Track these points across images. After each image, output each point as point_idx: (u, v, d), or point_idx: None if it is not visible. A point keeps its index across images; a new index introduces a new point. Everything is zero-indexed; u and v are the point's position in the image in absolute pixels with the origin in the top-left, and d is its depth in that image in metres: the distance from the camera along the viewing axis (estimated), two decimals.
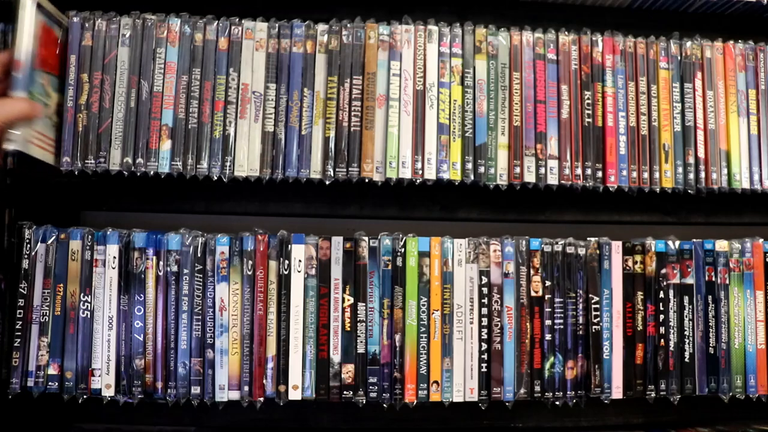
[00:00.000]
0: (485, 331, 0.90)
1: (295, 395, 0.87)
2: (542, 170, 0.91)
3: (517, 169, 0.91)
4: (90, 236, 0.87)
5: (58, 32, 0.86)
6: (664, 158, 0.93)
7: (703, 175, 0.94)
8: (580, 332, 0.91)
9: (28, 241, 0.86)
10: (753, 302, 0.93)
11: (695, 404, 0.95)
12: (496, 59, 0.92)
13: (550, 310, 0.91)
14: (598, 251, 0.92)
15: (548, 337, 0.90)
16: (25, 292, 0.85)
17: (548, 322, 0.91)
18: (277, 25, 0.91)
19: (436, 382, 0.88)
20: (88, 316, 0.86)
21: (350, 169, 0.89)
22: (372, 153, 0.89)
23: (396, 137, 0.89)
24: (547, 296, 0.91)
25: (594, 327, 0.91)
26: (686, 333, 0.92)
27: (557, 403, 0.91)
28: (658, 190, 0.93)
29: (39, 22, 0.80)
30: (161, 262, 0.87)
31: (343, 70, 0.90)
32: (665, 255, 0.93)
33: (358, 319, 0.88)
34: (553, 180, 0.91)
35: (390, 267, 0.89)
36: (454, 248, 0.90)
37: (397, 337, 0.89)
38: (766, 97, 0.96)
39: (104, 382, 0.86)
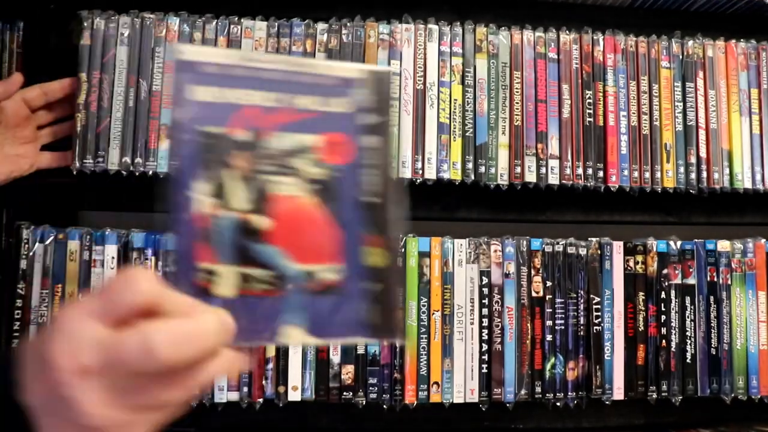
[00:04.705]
0: (486, 331, 0.89)
1: (294, 396, 0.87)
2: (543, 170, 0.91)
3: (518, 169, 0.90)
4: (88, 236, 0.86)
5: None
6: (665, 158, 0.93)
7: (704, 174, 0.93)
8: (581, 333, 0.91)
9: (26, 241, 0.86)
10: (755, 303, 0.93)
11: (697, 405, 0.95)
12: (497, 58, 0.92)
13: (551, 310, 0.90)
14: (599, 251, 0.92)
15: (549, 337, 0.90)
16: (23, 293, 0.85)
17: (549, 322, 0.90)
18: (276, 24, 0.90)
19: (436, 382, 0.88)
20: None
21: None
22: None
23: (396, 137, 0.89)
24: (548, 296, 0.90)
25: (595, 327, 0.90)
26: (688, 334, 0.91)
27: (558, 404, 0.90)
28: (659, 189, 0.92)
29: None
30: (160, 262, 0.87)
31: None
32: (667, 255, 0.92)
33: None
34: (554, 180, 0.91)
35: None
36: (454, 248, 0.90)
37: None
38: None
39: None
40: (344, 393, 0.87)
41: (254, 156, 0.47)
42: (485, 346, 0.89)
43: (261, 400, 0.86)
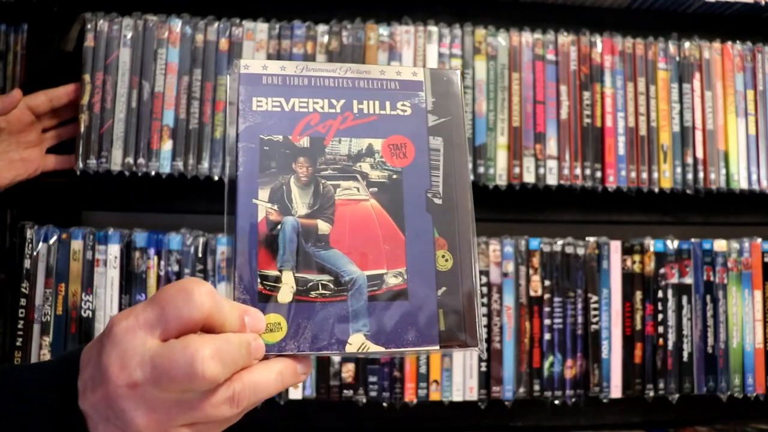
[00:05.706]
0: (485, 330, 0.90)
1: (295, 394, 0.87)
2: (541, 170, 0.92)
3: (517, 169, 0.91)
4: (91, 236, 0.87)
5: None
6: (662, 158, 0.94)
7: (701, 175, 0.94)
8: (579, 332, 0.91)
9: (29, 240, 0.87)
10: (751, 302, 0.94)
11: (694, 403, 0.95)
12: (496, 60, 0.93)
13: (549, 309, 0.91)
14: (597, 251, 0.93)
15: (547, 336, 0.91)
16: (26, 292, 0.86)
17: (547, 321, 0.91)
18: (277, 26, 0.91)
19: (435, 381, 0.89)
20: (90, 315, 0.86)
21: None
22: None
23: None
24: (546, 296, 0.91)
25: (593, 326, 0.91)
26: (684, 332, 0.92)
27: (556, 402, 0.91)
28: (656, 190, 0.93)
29: None
30: (162, 262, 0.88)
31: None
32: (664, 255, 0.93)
33: None
34: (552, 180, 0.92)
35: None
36: None
37: None
38: (764, 97, 0.96)
39: None
40: (345, 391, 0.88)
41: (317, 161, 0.48)
42: (484, 345, 0.90)
43: None
